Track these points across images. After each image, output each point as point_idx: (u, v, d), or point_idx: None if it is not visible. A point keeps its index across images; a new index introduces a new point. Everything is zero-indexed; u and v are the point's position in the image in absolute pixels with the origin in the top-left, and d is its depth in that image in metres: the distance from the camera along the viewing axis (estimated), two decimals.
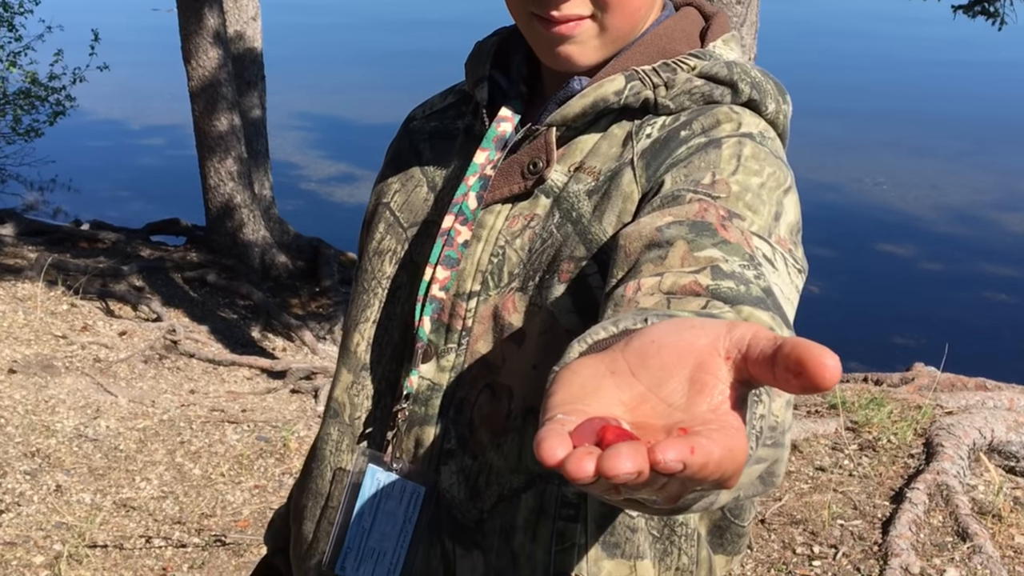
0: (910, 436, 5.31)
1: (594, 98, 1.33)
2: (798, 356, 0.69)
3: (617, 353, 0.80)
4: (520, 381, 1.33)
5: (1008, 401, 5.80)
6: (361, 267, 1.56)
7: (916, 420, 5.46)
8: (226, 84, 9.52)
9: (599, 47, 1.35)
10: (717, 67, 1.35)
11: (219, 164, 9.61)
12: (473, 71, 1.50)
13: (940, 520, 4.60)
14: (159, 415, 5.71)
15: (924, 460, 5.08)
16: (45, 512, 4.62)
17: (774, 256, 1.16)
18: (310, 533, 1.52)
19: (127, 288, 8.41)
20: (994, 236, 13.93)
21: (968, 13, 9.85)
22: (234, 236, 9.78)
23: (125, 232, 10.77)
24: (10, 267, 8.36)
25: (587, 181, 1.34)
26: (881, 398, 5.72)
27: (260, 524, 4.70)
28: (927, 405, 5.67)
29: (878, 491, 4.87)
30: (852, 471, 5.04)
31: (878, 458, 5.15)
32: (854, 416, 5.47)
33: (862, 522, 4.62)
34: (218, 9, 9.39)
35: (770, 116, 1.37)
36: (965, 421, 5.38)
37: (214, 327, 8.14)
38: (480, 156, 1.42)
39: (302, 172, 14.92)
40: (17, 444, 5.17)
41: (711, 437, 0.68)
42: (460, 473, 1.37)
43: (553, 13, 1.29)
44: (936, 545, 4.44)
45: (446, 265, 1.39)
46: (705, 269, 1.04)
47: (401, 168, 1.58)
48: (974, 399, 5.85)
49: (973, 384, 6.17)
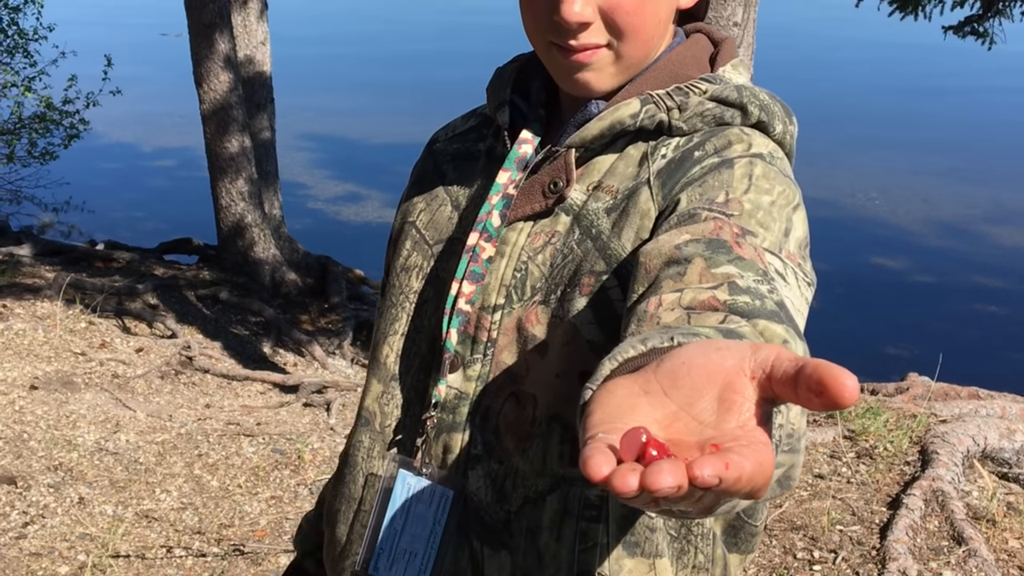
0: (906, 444, 5.32)
1: (611, 121, 1.37)
2: (819, 377, 0.73)
3: (649, 374, 0.84)
4: (544, 389, 1.36)
5: (1000, 409, 5.82)
6: (389, 283, 1.59)
7: (911, 428, 5.47)
8: (237, 107, 9.54)
9: (615, 74, 1.38)
10: (727, 90, 1.38)
11: (230, 185, 9.63)
12: (494, 95, 1.53)
13: (936, 525, 4.62)
14: (177, 429, 5.73)
15: (920, 467, 5.09)
16: (69, 524, 4.64)
17: (785, 271, 1.20)
18: (344, 536, 1.55)
19: (142, 306, 8.43)
20: (984, 249, 13.94)
21: (958, 34, 9.87)
22: (245, 255, 9.80)
23: (139, 252, 10.78)
24: (29, 286, 8.38)
25: (605, 199, 1.37)
26: (877, 407, 5.73)
27: (277, 534, 4.73)
28: (922, 414, 5.68)
29: (875, 497, 4.88)
30: (850, 478, 5.06)
31: (875, 465, 5.17)
32: (851, 425, 5.48)
33: (860, 528, 4.64)
34: (228, 35, 9.42)
35: (778, 136, 1.41)
36: (959, 429, 5.39)
37: (227, 343, 8.16)
38: (503, 176, 1.45)
39: (310, 192, 14.93)
40: (40, 458, 5.19)
41: (743, 453, 0.72)
42: (487, 477, 1.40)
43: (571, 42, 1.33)
44: (933, 549, 4.45)
45: (472, 280, 1.42)
46: (722, 285, 1.08)
47: (426, 188, 1.60)
48: (967, 408, 5.86)
49: (966, 393, 6.18)
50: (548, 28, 1.35)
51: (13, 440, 5.35)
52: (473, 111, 1.65)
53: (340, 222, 14.15)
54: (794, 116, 1.46)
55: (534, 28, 1.38)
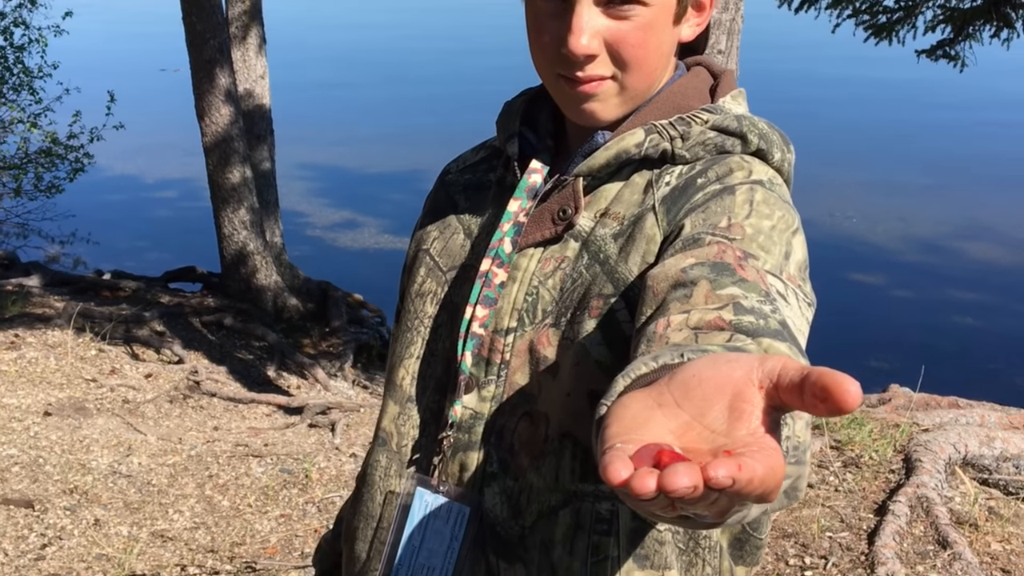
0: (890, 453, 5.34)
1: (617, 150, 1.39)
2: (824, 384, 0.75)
3: (662, 387, 0.86)
4: (556, 408, 1.37)
5: (980, 417, 5.84)
6: (404, 308, 1.60)
7: (895, 437, 5.49)
8: (238, 139, 9.56)
9: (619, 104, 1.40)
10: (728, 120, 1.40)
11: (232, 214, 9.65)
12: (504, 128, 1.55)
13: (921, 530, 4.64)
14: (187, 451, 5.73)
15: (904, 475, 5.11)
16: (86, 545, 4.64)
17: (786, 292, 1.22)
18: (363, 552, 1.55)
19: (150, 333, 8.44)
20: (959, 264, 13.99)
21: (931, 57, 9.91)
22: (248, 281, 9.81)
23: (145, 280, 10.77)
24: (39, 316, 8.38)
25: (612, 225, 1.39)
26: (862, 418, 5.75)
27: (287, 550, 4.73)
28: (904, 423, 5.70)
29: (862, 505, 4.90)
30: (838, 487, 5.07)
31: (861, 474, 5.19)
32: (837, 435, 5.50)
33: (849, 534, 4.65)
34: (229, 69, 9.45)
35: (776, 164, 1.43)
36: (940, 437, 5.41)
37: (232, 367, 8.16)
38: (513, 205, 1.47)
39: (309, 220, 14.94)
40: (56, 482, 5.20)
41: (754, 457, 0.74)
42: (502, 494, 1.40)
43: (578, 74, 1.35)
44: (919, 554, 4.47)
45: (485, 304, 1.44)
46: (727, 306, 1.10)
47: (439, 217, 1.61)
48: (948, 416, 5.88)
49: (946, 403, 6.20)
50: (556, 60, 1.37)
51: (29, 465, 5.35)
52: (483, 144, 1.67)
53: (339, 248, 14.16)
54: (791, 144, 1.48)
55: (543, 61, 1.40)
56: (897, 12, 9.54)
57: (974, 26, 9.56)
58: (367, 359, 9.53)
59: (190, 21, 9.24)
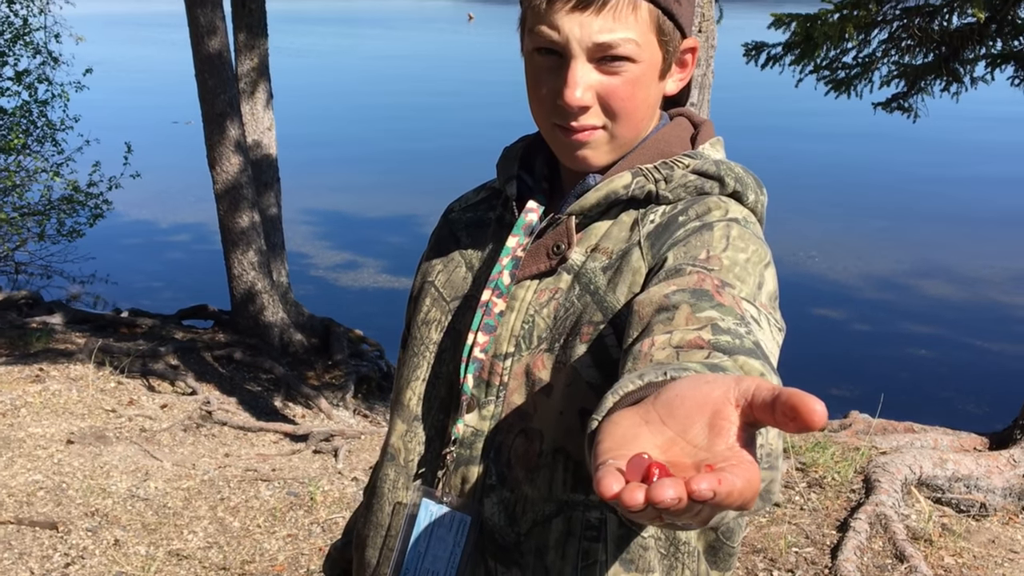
0: (851, 474, 5.36)
1: (606, 191, 1.43)
2: (793, 404, 0.78)
3: (648, 406, 0.89)
4: (549, 425, 1.39)
5: (933, 441, 5.87)
6: (410, 335, 1.63)
7: (855, 460, 5.51)
8: (247, 186, 9.58)
9: (609, 151, 1.44)
10: (707, 164, 1.45)
11: (242, 256, 9.66)
12: (504, 171, 1.59)
13: (880, 545, 4.65)
14: (200, 476, 5.72)
15: (864, 494, 5.13)
16: (106, 563, 4.63)
17: (759, 317, 1.26)
18: (374, 559, 1.58)
19: (165, 367, 8.44)
20: (913, 300, 14.03)
21: (886, 109, 9.98)
22: (256, 318, 9.81)
23: (160, 318, 10.77)
24: (62, 351, 8.38)
25: (601, 260, 1.42)
26: (824, 442, 5.76)
27: (294, 568, 4.73)
28: (864, 447, 5.72)
29: (826, 522, 4.92)
30: (803, 505, 5.09)
31: (824, 494, 5.20)
32: (802, 458, 5.52)
33: (814, 549, 4.67)
34: (238, 122, 9.48)
35: (750, 205, 1.47)
36: (897, 459, 5.43)
37: (242, 398, 8.16)
38: (511, 241, 1.50)
39: (312, 261, 14.94)
40: (78, 505, 5.19)
41: (733, 471, 0.77)
42: (500, 504, 1.43)
43: (573, 123, 1.39)
44: (878, 567, 4.48)
45: (485, 331, 1.47)
46: (706, 327, 1.13)
47: (443, 252, 1.65)
48: (904, 440, 5.90)
49: (902, 428, 6.22)
50: (553, 111, 1.41)
51: (53, 490, 5.35)
52: (483, 185, 1.71)
53: (340, 287, 14.16)
54: (764, 188, 1.52)
55: (540, 111, 1.44)
56: (855, 68, 9.60)
57: (926, 81, 9.64)
58: (367, 390, 9.53)
59: (203, 78, 9.28)
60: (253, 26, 10.26)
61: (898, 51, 9.54)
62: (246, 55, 10.25)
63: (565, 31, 1.35)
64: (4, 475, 5.50)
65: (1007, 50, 9.32)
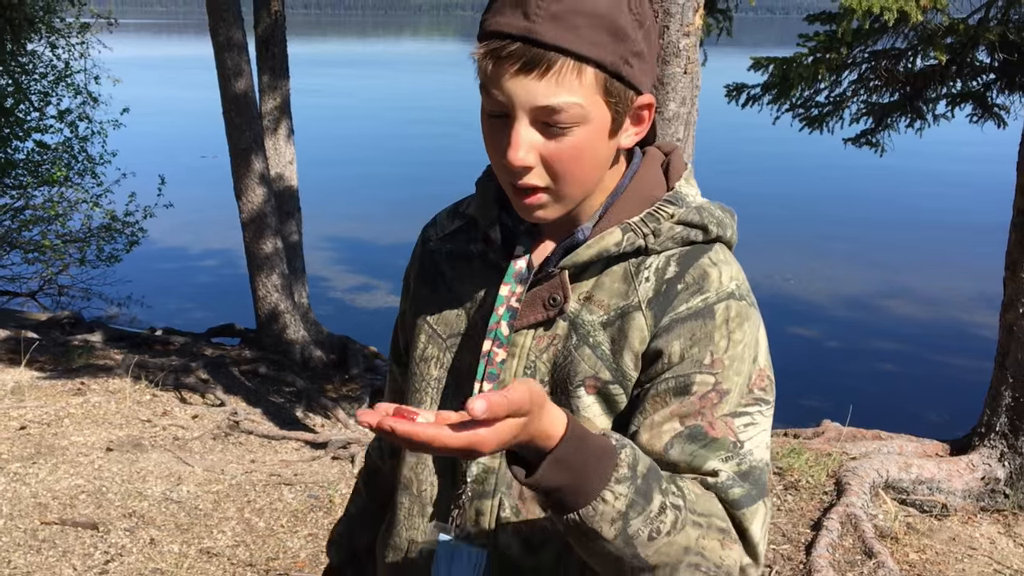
0: (823, 477, 5.38)
1: (598, 249, 1.37)
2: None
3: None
4: None
5: (899, 447, 5.88)
6: (411, 371, 1.57)
7: (827, 465, 5.52)
8: (270, 215, 9.62)
9: (560, 208, 1.37)
10: (690, 214, 1.40)
11: (266, 279, 9.69)
12: (484, 215, 1.51)
13: (851, 543, 4.67)
14: (228, 480, 5.74)
15: (835, 496, 5.14)
16: (143, 560, 4.64)
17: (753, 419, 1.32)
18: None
19: (196, 380, 8.45)
20: (880, 319, 14.05)
21: (856, 144, 10.03)
22: (279, 336, 9.83)
23: (191, 336, 10.79)
24: (102, 367, 8.40)
25: (599, 313, 1.38)
26: (799, 448, 5.78)
27: (315, 564, 4.74)
28: (836, 453, 5.74)
29: (801, 521, 4.93)
30: (780, 506, 5.10)
31: (799, 496, 5.21)
32: (779, 463, 5.53)
33: (789, 546, 4.68)
34: (262, 156, 9.53)
35: (728, 240, 1.43)
36: (866, 464, 5.45)
37: (267, 409, 8.17)
38: (504, 289, 1.44)
39: (331, 283, 14.95)
40: (117, 507, 5.20)
41: (437, 428, 1.06)
42: (516, 535, 1.40)
43: (518, 183, 1.33)
44: (848, 562, 4.50)
45: (489, 380, 1.42)
46: (706, 479, 1.27)
47: (428, 284, 1.58)
48: (872, 447, 5.91)
49: (870, 435, 6.23)
50: (502, 170, 1.35)
51: (94, 493, 5.36)
52: (456, 209, 1.62)
53: (356, 308, 14.17)
54: (734, 213, 1.49)
55: (496, 168, 1.38)
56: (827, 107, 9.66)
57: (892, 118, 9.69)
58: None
59: (230, 116, 9.34)
60: (276, 68, 10.32)
61: (866, 91, 9.60)
62: (269, 95, 10.30)
63: (509, 93, 1.27)
64: (49, 480, 5.52)
65: (966, 90, 9.39)
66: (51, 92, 14.53)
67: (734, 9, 9.15)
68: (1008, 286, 5.45)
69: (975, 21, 8.59)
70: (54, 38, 14.72)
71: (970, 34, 8.45)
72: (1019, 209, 5.33)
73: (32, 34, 13.40)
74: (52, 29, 14.61)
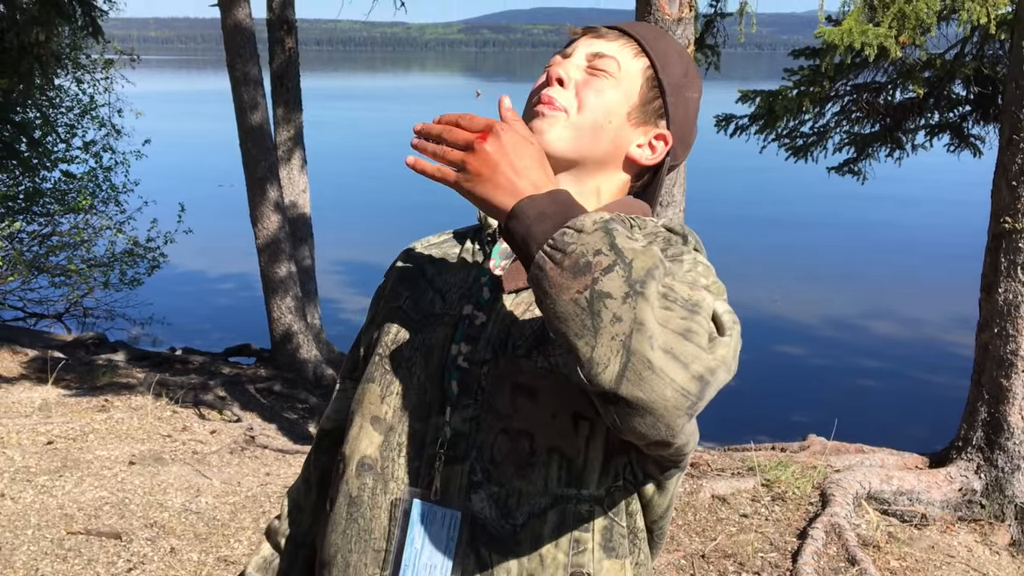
0: (809, 489, 5.38)
1: None
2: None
3: None
4: (541, 427, 1.36)
5: (880, 460, 5.88)
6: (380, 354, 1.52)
7: (813, 477, 5.53)
8: (285, 241, 9.66)
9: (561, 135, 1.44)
10: (674, 224, 1.45)
11: (280, 301, 9.72)
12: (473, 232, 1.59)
13: (835, 551, 4.67)
14: (245, 492, 5.74)
15: (820, 506, 5.15)
16: (163, 568, 4.65)
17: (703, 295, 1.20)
18: (361, 563, 1.45)
19: (214, 398, 8.46)
20: (864, 338, 14.05)
21: (839, 172, 10.08)
22: (293, 356, 9.85)
23: (209, 355, 10.80)
24: (124, 384, 8.42)
25: None
26: (786, 461, 5.78)
27: None
28: (821, 465, 5.74)
29: (787, 531, 4.94)
30: (767, 516, 5.11)
31: (786, 506, 5.22)
32: (767, 475, 5.54)
33: (777, 554, 4.69)
34: (277, 185, 9.58)
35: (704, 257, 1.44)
36: (850, 476, 5.45)
37: (281, 425, 8.17)
38: (490, 263, 1.48)
39: (342, 305, 14.95)
40: (139, 518, 5.21)
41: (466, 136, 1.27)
42: (489, 498, 1.37)
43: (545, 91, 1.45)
44: (833, 570, 4.50)
45: (467, 342, 1.42)
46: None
47: (407, 281, 1.58)
48: (855, 460, 5.91)
49: (854, 449, 6.23)
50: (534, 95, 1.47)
51: (117, 504, 5.37)
52: (445, 232, 1.66)
53: None
54: None
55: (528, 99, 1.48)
56: (811, 137, 9.71)
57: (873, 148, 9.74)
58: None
59: (246, 147, 9.40)
60: (290, 101, 10.39)
61: (849, 122, 9.66)
62: (283, 127, 10.36)
63: (578, 42, 1.49)
64: (74, 492, 5.53)
65: (943, 121, 9.44)
66: (77, 124, 14.62)
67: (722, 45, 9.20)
68: (983, 307, 5.47)
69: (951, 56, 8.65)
70: (80, 73, 14.82)
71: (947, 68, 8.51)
72: (994, 234, 5.35)
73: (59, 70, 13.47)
74: (78, 65, 14.72)
